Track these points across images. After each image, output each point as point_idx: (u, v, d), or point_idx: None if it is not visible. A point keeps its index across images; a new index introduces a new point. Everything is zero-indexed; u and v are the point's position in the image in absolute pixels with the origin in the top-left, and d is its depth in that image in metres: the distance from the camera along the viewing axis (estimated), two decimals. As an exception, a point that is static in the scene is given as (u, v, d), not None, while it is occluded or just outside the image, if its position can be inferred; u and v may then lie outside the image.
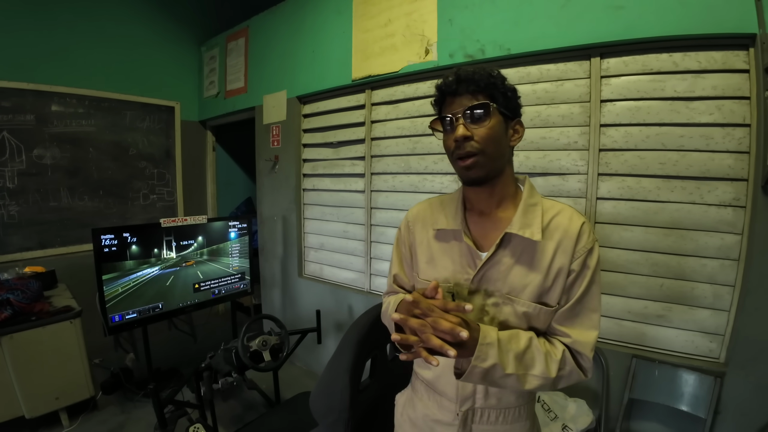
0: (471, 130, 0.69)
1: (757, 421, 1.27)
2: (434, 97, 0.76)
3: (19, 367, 1.81)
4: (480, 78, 0.69)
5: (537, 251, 0.71)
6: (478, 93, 0.69)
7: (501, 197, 0.77)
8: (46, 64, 2.49)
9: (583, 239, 0.71)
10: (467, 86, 0.69)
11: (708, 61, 1.32)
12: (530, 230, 0.71)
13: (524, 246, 0.72)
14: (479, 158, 0.69)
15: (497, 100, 0.70)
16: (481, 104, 0.68)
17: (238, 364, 1.69)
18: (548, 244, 0.71)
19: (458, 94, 0.70)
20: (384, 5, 1.98)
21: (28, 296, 1.91)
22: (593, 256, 0.72)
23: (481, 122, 0.69)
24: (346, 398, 1.06)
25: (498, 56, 1.65)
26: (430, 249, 0.82)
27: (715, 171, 1.33)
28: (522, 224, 0.72)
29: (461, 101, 0.70)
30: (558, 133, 1.58)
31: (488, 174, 0.72)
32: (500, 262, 0.73)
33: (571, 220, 0.73)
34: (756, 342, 1.27)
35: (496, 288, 0.74)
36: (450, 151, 0.73)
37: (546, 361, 0.69)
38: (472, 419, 0.80)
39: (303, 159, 2.55)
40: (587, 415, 1.44)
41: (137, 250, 1.90)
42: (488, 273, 0.74)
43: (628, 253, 1.48)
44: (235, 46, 2.90)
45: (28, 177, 2.47)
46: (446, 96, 0.72)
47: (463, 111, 0.69)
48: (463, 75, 0.69)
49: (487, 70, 0.70)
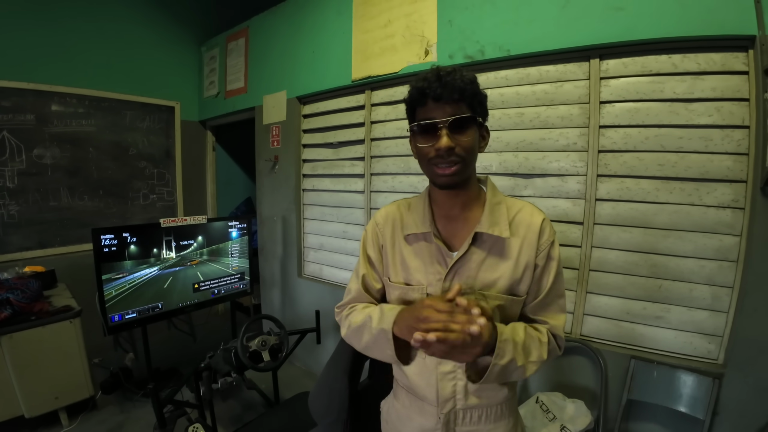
0: (454, 139, 0.69)
1: (756, 422, 1.27)
2: (410, 96, 0.73)
3: (19, 367, 1.81)
4: (464, 86, 0.68)
5: (505, 247, 0.76)
6: (461, 101, 0.69)
7: (467, 199, 0.79)
8: (47, 63, 2.49)
9: (545, 233, 0.77)
10: (451, 93, 0.68)
11: (707, 63, 1.32)
12: (498, 228, 0.75)
13: (492, 243, 0.76)
14: (459, 167, 0.71)
15: (476, 109, 0.72)
16: (467, 117, 0.69)
17: (237, 364, 1.69)
18: (514, 239, 0.76)
19: (441, 99, 0.68)
20: (384, 6, 1.99)
21: (27, 296, 1.91)
22: (555, 249, 0.78)
23: (464, 132, 0.70)
24: (344, 399, 1.07)
25: (497, 57, 1.65)
26: (401, 253, 0.83)
27: (714, 172, 1.33)
28: (490, 223, 0.75)
29: (444, 108, 0.69)
30: (557, 135, 1.58)
31: (463, 180, 0.74)
32: (471, 260, 0.76)
33: (533, 216, 0.78)
34: (754, 343, 1.27)
35: (468, 285, 0.76)
36: (426, 156, 0.72)
37: (539, 346, 0.75)
38: (454, 421, 0.80)
39: (303, 159, 2.55)
40: (586, 415, 1.44)
41: (137, 250, 1.90)
42: (460, 271, 0.77)
43: (627, 254, 1.48)
44: (235, 46, 2.91)
45: (28, 177, 2.47)
46: (426, 99, 0.70)
47: (449, 121, 0.68)
48: (446, 80, 0.68)
49: (467, 77, 0.70)
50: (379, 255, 0.87)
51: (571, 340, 1.56)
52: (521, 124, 1.66)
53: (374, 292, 0.90)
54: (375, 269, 0.88)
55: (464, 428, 0.80)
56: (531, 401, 1.55)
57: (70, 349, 1.96)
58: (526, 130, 1.65)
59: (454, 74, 0.69)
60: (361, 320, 0.82)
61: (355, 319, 0.84)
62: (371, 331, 0.77)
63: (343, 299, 0.93)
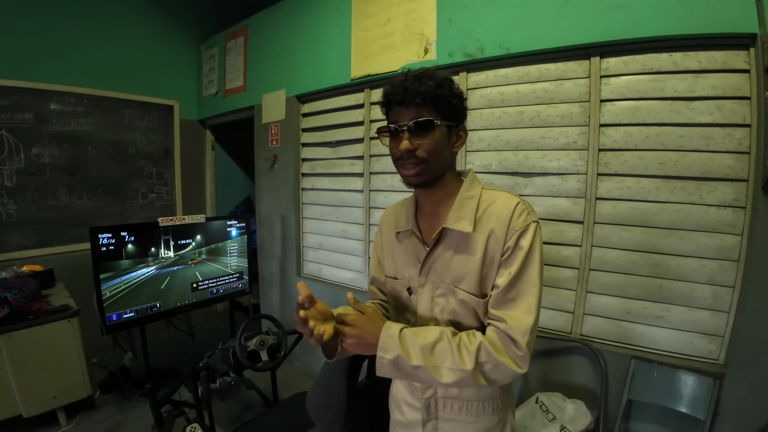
0: (415, 142, 0.71)
1: (757, 422, 1.26)
2: (381, 100, 0.77)
3: (17, 366, 1.81)
4: (426, 89, 0.70)
5: (471, 242, 0.75)
6: (422, 105, 0.71)
7: (442, 196, 0.81)
8: (45, 62, 2.49)
9: (515, 219, 0.72)
10: (413, 98, 0.70)
11: (708, 61, 1.31)
12: (462, 223, 0.75)
13: (459, 238, 0.77)
14: (422, 167, 0.73)
15: (442, 111, 0.72)
16: (425, 120, 0.71)
17: (235, 364, 1.69)
18: (480, 234, 0.74)
19: (404, 104, 0.71)
20: (383, 4, 1.98)
21: (25, 295, 1.90)
22: (527, 236, 0.71)
23: (425, 135, 0.72)
24: (342, 399, 1.06)
25: (497, 55, 1.64)
26: (394, 250, 0.89)
27: (715, 171, 1.32)
28: (455, 218, 0.76)
29: (407, 112, 0.71)
30: (557, 133, 1.57)
31: (429, 179, 0.76)
32: (442, 255, 0.79)
33: (504, 206, 0.74)
34: (755, 343, 1.26)
35: (441, 279, 0.79)
36: (394, 157, 0.77)
37: (459, 354, 0.68)
38: (435, 407, 0.83)
39: (302, 158, 2.54)
40: (586, 416, 1.44)
41: (135, 249, 1.90)
42: (433, 266, 0.80)
43: (628, 253, 1.48)
44: (235, 45, 2.90)
45: (26, 176, 2.47)
46: (392, 103, 0.74)
47: (408, 125, 0.71)
48: (410, 86, 0.70)
49: (435, 79, 0.71)
50: (383, 254, 0.93)
51: (571, 339, 1.56)
52: (521, 122, 1.65)
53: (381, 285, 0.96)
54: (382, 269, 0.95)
55: (446, 416, 0.83)
56: (531, 401, 1.54)
57: (68, 348, 1.95)
58: (526, 129, 1.64)
59: (420, 78, 0.71)
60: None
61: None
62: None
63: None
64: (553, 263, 1.61)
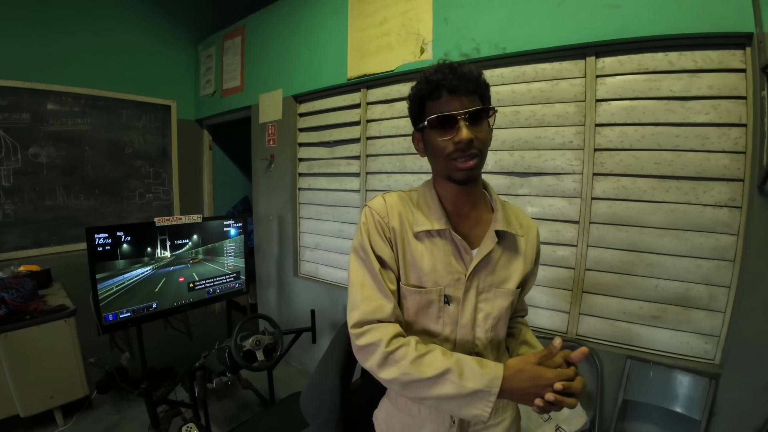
0: (473, 131, 0.67)
1: (753, 423, 1.26)
2: (420, 89, 0.71)
3: (14, 366, 1.81)
4: (477, 77, 0.69)
5: (517, 244, 0.80)
6: (474, 93, 0.69)
7: (476, 196, 0.80)
8: (42, 62, 2.48)
9: (538, 235, 0.86)
10: (466, 85, 0.67)
11: (704, 61, 1.31)
12: (513, 226, 0.78)
13: (507, 240, 0.78)
14: (479, 160, 0.70)
15: (486, 101, 0.71)
16: (485, 108, 0.69)
17: (231, 364, 1.69)
18: (521, 237, 0.80)
19: (457, 91, 0.67)
20: (379, 4, 1.97)
21: (22, 295, 1.90)
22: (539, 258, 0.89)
23: (481, 124, 0.70)
24: (336, 399, 1.05)
25: (493, 55, 1.64)
26: (411, 252, 0.75)
27: (711, 171, 1.32)
28: (505, 220, 0.77)
29: (461, 100, 0.67)
30: (553, 133, 1.57)
31: (478, 175, 0.75)
32: (491, 258, 0.76)
33: (527, 218, 0.86)
34: (751, 343, 1.26)
35: (486, 283, 0.76)
36: (444, 151, 0.69)
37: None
38: (468, 422, 0.78)
39: (299, 158, 2.54)
40: (581, 416, 1.44)
41: (131, 249, 1.89)
42: (481, 270, 0.76)
43: (623, 253, 1.47)
44: (232, 44, 2.89)
45: (23, 176, 2.46)
46: (441, 91, 0.67)
47: (468, 112, 0.67)
48: (464, 72, 0.67)
49: (476, 69, 0.70)
50: (391, 252, 0.75)
51: (567, 339, 1.55)
52: (517, 122, 1.65)
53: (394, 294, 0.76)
54: (388, 268, 0.75)
55: (477, 427, 0.79)
56: (526, 401, 1.54)
57: (65, 348, 1.95)
58: (521, 129, 1.64)
59: (464, 67, 0.69)
60: (436, 371, 0.65)
61: (422, 366, 0.66)
62: (456, 386, 0.64)
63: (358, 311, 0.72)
64: (549, 263, 1.60)
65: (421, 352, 0.67)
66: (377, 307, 0.71)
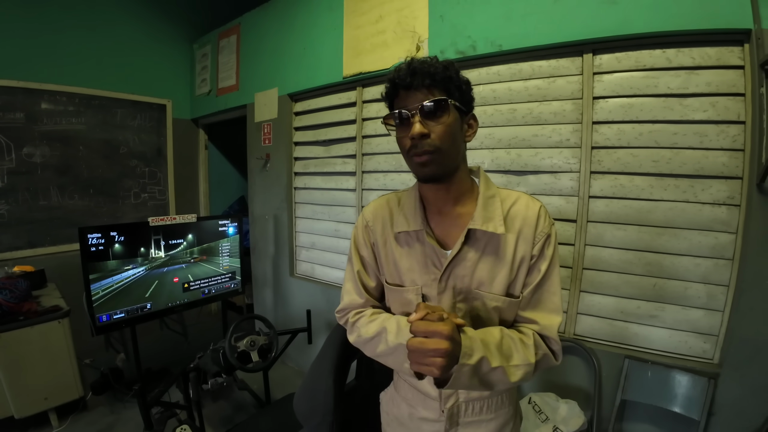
0: (427, 126, 0.66)
1: (752, 422, 1.25)
2: (386, 90, 0.72)
3: (7, 367, 1.79)
4: (435, 71, 0.66)
5: (501, 243, 0.72)
6: (433, 87, 0.66)
7: (458, 193, 0.75)
8: (36, 61, 2.46)
9: (541, 223, 0.73)
10: (422, 80, 0.65)
11: (702, 57, 1.30)
12: (492, 224, 0.71)
13: (487, 239, 0.73)
14: (435, 156, 0.67)
15: (453, 94, 0.68)
16: (438, 100, 0.66)
17: (225, 365, 1.67)
18: (510, 235, 0.72)
19: (413, 87, 0.66)
20: (375, 1, 1.95)
21: (16, 296, 1.88)
22: (552, 240, 0.74)
23: (438, 118, 0.67)
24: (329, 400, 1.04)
25: (489, 52, 1.63)
26: (392, 252, 0.80)
27: (709, 169, 1.30)
28: (484, 218, 0.72)
29: (416, 96, 0.66)
30: (550, 131, 1.55)
31: (444, 171, 0.70)
32: (466, 258, 0.73)
33: (528, 207, 0.74)
34: (750, 342, 1.25)
35: (464, 285, 0.74)
36: (405, 148, 0.70)
37: (523, 348, 0.69)
38: (457, 414, 0.79)
39: (294, 157, 2.52)
40: (579, 416, 1.42)
41: (125, 249, 1.88)
42: (455, 270, 0.74)
43: (621, 252, 1.46)
44: (227, 43, 2.87)
45: (17, 175, 2.44)
46: (399, 89, 0.68)
47: (419, 107, 0.65)
48: (417, 67, 0.66)
49: (441, 63, 0.68)
50: (372, 254, 0.84)
51: (564, 339, 1.54)
52: (513, 120, 1.63)
53: (371, 290, 0.86)
54: (368, 268, 0.85)
55: (467, 419, 0.80)
56: (523, 402, 1.53)
57: (59, 349, 1.93)
58: (518, 127, 1.63)
59: (425, 62, 0.67)
60: (374, 331, 0.77)
61: (367, 329, 0.79)
62: (387, 343, 0.74)
63: (342, 302, 0.88)
64: (547, 262, 1.59)
65: (370, 318, 0.81)
66: (352, 300, 0.86)
